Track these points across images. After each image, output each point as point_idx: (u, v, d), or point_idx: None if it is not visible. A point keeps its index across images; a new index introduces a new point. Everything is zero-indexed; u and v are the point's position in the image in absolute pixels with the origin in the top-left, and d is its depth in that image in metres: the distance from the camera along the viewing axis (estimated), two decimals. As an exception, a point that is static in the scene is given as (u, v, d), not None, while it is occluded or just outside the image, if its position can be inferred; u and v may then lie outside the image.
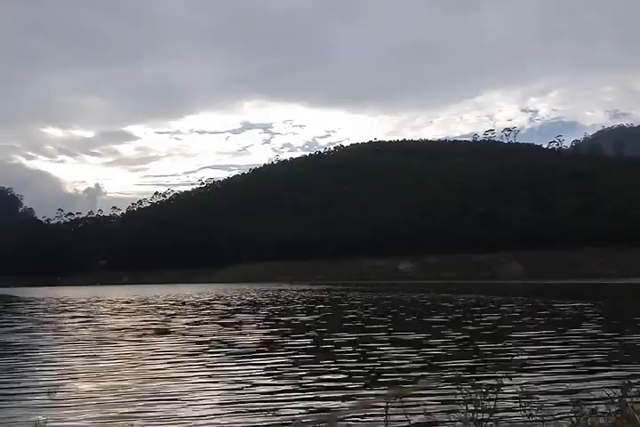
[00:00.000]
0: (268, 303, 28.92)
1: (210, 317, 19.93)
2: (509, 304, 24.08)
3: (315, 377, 8.43)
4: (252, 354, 10.72)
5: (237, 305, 27.88)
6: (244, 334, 13.74)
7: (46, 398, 7.21)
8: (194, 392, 7.47)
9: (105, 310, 26.98)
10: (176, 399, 7.11)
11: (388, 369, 8.91)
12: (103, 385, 7.94)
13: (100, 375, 8.72)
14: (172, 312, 23.03)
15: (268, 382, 8.14)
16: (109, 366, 9.61)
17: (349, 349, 11.18)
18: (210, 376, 8.64)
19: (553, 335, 12.52)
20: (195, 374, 8.83)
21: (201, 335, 13.55)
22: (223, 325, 16.48)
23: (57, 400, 7.11)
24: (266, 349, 11.37)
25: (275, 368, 9.18)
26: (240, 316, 20.10)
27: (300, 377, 8.43)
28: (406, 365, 9.23)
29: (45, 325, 18.42)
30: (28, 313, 25.89)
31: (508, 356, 9.80)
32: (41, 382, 8.30)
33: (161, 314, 22.16)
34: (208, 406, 6.76)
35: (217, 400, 7.05)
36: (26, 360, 10.61)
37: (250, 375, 8.62)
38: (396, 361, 9.59)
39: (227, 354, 10.85)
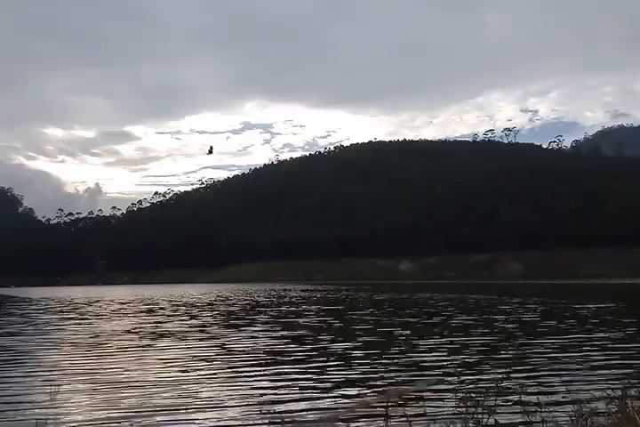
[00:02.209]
0: (273, 304, 28.36)
1: (214, 319, 19.48)
2: (519, 305, 24.07)
3: (315, 377, 8.42)
4: (254, 354, 10.72)
5: (242, 306, 27.30)
6: (250, 337, 13.66)
7: (46, 398, 7.21)
8: (192, 386, 7.49)
9: (104, 310, 26.62)
10: (175, 402, 7.10)
11: (389, 369, 8.90)
12: (102, 391, 7.87)
13: (99, 381, 8.67)
14: (174, 313, 22.62)
15: (269, 382, 8.14)
16: (108, 370, 9.50)
17: (353, 349, 11.17)
18: (208, 375, 8.63)
19: (554, 335, 12.52)
20: (194, 374, 8.83)
21: (205, 339, 13.18)
22: (228, 327, 16.12)
23: (57, 402, 7.11)
24: (269, 349, 11.37)
25: (275, 368, 9.18)
26: (245, 317, 19.78)
27: (300, 377, 8.43)
28: (407, 365, 9.22)
29: (43, 326, 18.30)
30: (28, 314, 25.84)
31: (508, 356, 9.79)
32: (38, 387, 8.29)
33: (162, 315, 21.86)
34: (206, 406, 6.75)
35: (215, 399, 7.04)
36: (23, 363, 10.58)
37: (250, 374, 8.62)
38: (397, 361, 9.58)
39: (230, 357, 10.83)
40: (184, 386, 7.89)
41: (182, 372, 9.02)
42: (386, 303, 27.00)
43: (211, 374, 8.77)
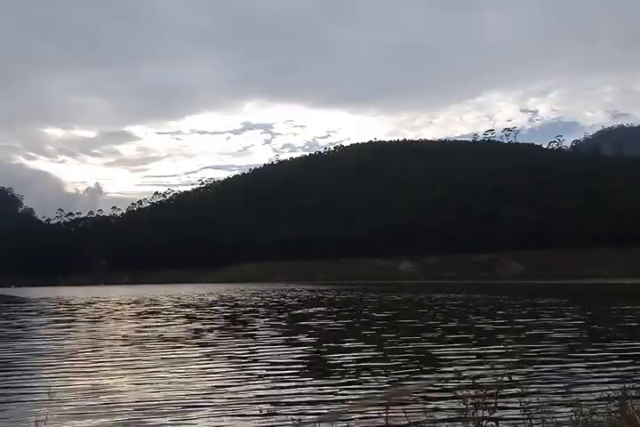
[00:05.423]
0: (281, 305, 27.80)
1: (218, 321, 18.89)
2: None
3: (315, 377, 8.42)
4: (257, 356, 10.71)
5: (247, 307, 26.81)
6: (253, 340, 13.61)
7: (46, 399, 7.21)
8: (192, 386, 7.49)
9: (102, 312, 26.13)
10: (175, 407, 7.10)
11: (390, 369, 8.90)
12: (101, 397, 7.77)
13: (98, 386, 8.64)
14: (175, 316, 22.05)
15: (269, 381, 8.14)
16: (106, 375, 9.39)
17: (355, 350, 11.16)
18: (209, 377, 8.63)
19: (554, 335, 12.52)
20: (192, 368, 8.84)
21: (206, 345, 12.72)
22: (231, 330, 15.78)
23: (57, 404, 7.11)
24: (269, 348, 11.37)
25: (275, 367, 9.18)
26: (249, 319, 19.49)
27: (299, 376, 8.43)
28: (407, 365, 9.22)
29: (35, 330, 18.06)
30: (22, 317, 25.77)
31: (508, 355, 9.78)
32: (36, 392, 8.28)
33: (163, 317, 21.42)
34: (206, 407, 6.75)
35: (216, 399, 7.04)
36: (22, 366, 10.57)
37: (249, 374, 8.62)
38: (397, 362, 9.58)
39: (232, 359, 10.84)
40: (182, 386, 7.89)
41: (182, 378, 9.01)
42: (403, 305, 26.40)
43: (211, 374, 8.77)
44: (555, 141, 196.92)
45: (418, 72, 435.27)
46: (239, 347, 11.80)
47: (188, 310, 25.96)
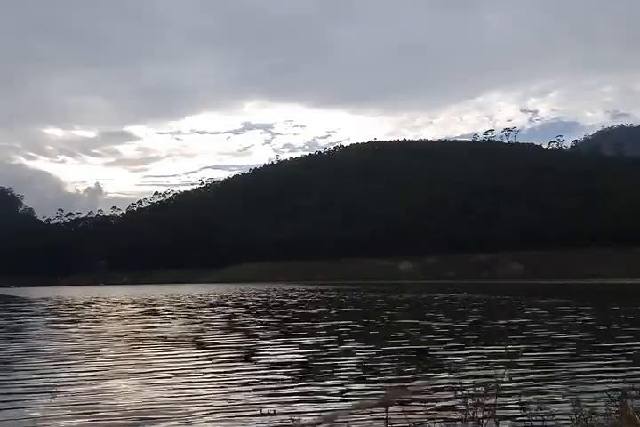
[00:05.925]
0: (284, 306, 27.54)
1: (218, 321, 18.70)
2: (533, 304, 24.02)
3: (315, 377, 8.42)
4: (253, 354, 10.70)
5: (246, 307, 26.71)
6: (254, 341, 13.61)
7: (46, 401, 7.20)
8: (192, 387, 7.48)
9: (101, 313, 26.02)
10: (174, 404, 7.09)
11: (390, 369, 8.90)
12: (101, 400, 7.81)
13: (97, 388, 8.63)
14: (176, 316, 21.91)
15: (269, 381, 8.13)
16: (106, 377, 9.38)
17: (356, 350, 11.15)
18: (203, 374, 8.62)
19: (553, 335, 12.51)
20: (191, 371, 8.83)
21: (209, 344, 12.57)
22: (233, 331, 15.64)
23: (57, 406, 7.10)
24: (270, 349, 11.35)
25: (275, 368, 9.17)
26: (250, 319, 19.47)
27: (299, 377, 8.42)
28: (407, 365, 9.22)
29: (33, 331, 18.11)
30: (20, 317, 25.74)
31: (508, 356, 9.78)
32: (35, 392, 8.27)
33: (163, 317, 21.36)
34: (206, 408, 6.74)
35: (216, 400, 7.04)
36: (21, 367, 10.55)
37: (249, 374, 8.61)
38: (398, 362, 9.58)
39: (232, 358, 10.81)
40: (182, 387, 7.88)
41: (182, 379, 9.00)
42: (404, 305, 26.35)
43: (211, 375, 8.76)
44: (555, 141, 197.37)
45: (418, 72, 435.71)
46: (240, 347, 11.78)
47: (188, 310, 25.93)
